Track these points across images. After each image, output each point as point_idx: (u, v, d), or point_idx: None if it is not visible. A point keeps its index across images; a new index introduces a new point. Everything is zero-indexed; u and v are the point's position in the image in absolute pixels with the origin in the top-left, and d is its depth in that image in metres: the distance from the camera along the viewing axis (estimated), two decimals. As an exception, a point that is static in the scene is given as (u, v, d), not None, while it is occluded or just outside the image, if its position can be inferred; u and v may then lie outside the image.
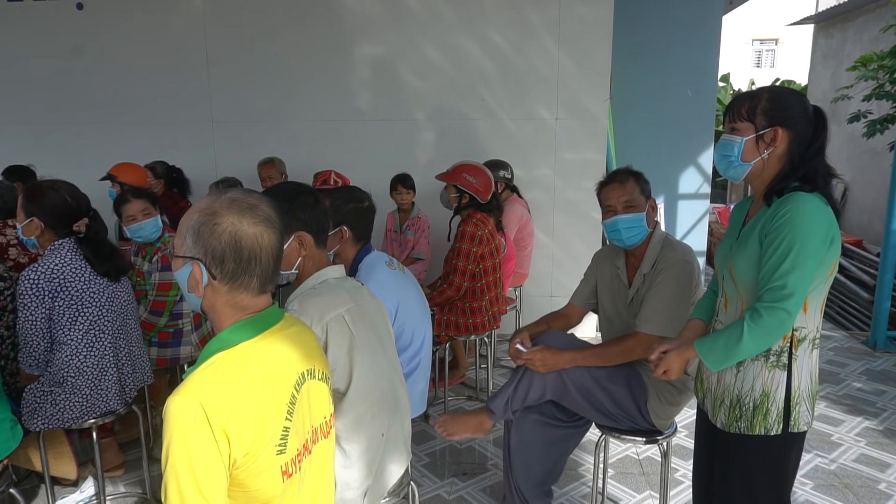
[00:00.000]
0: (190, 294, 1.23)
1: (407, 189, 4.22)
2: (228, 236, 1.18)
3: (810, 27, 12.42)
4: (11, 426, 2.10)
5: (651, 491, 2.88)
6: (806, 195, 1.59)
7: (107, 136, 4.89)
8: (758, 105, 1.66)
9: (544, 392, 2.26)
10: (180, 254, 1.22)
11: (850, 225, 10.31)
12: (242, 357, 1.18)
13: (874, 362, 4.48)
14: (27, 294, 2.22)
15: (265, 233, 1.21)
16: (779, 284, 1.55)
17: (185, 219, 1.22)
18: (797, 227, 1.55)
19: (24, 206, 2.36)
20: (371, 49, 4.72)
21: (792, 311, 1.55)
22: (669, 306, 2.15)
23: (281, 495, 1.19)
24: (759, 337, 1.58)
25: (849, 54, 10.32)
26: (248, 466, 1.12)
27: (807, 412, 1.67)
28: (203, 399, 1.07)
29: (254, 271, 1.21)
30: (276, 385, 1.20)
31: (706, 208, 5.84)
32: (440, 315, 3.48)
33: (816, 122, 1.65)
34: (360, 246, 2.24)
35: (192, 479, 1.05)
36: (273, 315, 1.27)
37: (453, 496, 2.85)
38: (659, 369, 1.81)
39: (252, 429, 1.12)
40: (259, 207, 1.22)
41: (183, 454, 1.05)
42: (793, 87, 14.97)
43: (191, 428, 1.05)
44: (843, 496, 2.83)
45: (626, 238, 2.23)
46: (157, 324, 3.00)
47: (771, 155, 1.66)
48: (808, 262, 1.54)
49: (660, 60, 5.47)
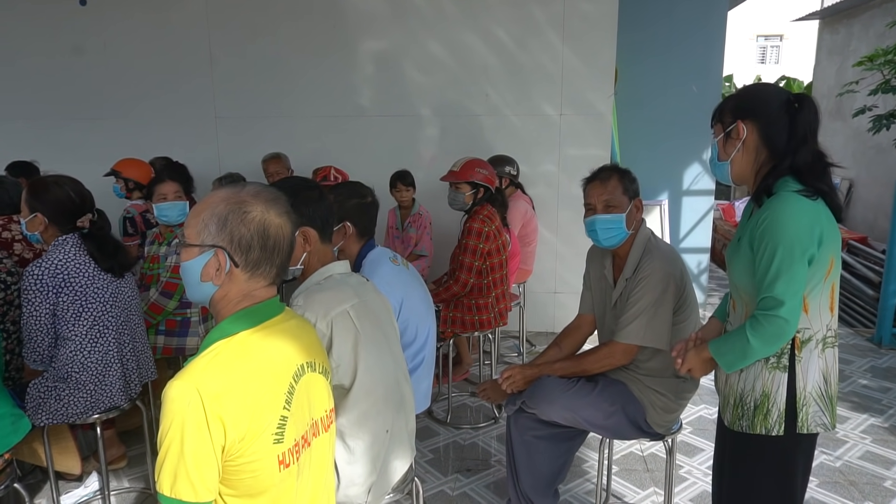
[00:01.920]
0: (201, 284, 1.23)
1: (406, 186, 4.21)
2: (258, 224, 1.21)
3: (815, 23, 12.34)
4: (13, 421, 2.10)
5: (655, 488, 2.87)
6: (786, 195, 1.56)
7: (110, 132, 4.90)
8: (727, 105, 1.71)
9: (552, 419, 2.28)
10: (197, 242, 1.22)
11: (855, 221, 10.25)
12: (242, 345, 1.20)
13: (879, 359, 4.46)
14: (31, 290, 2.22)
15: (286, 224, 1.26)
16: (770, 294, 1.54)
17: (205, 208, 1.22)
18: (776, 233, 1.53)
19: (28, 202, 2.36)
20: (374, 45, 4.71)
21: (788, 318, 1.53)
22: (645, 318, 2.13)
23: (278, 485, 1.20)
24: (764, 342, 1.57)
25: (854, 50, 10.26)
26: (244, 452, 1.14)
27: (820, 413, 1.64)
28: (200, 385, 1.10)
29: (275, 260, 1.25)
30: (274, 374, 1.22)
31: (710, 205, 5.82)
32: (446, 312, 3.48)
33: (795, 107, 1.62)
34: (364, 242, 2.23)
35: (183, 462, 1.08)
36: (273, 307, 1.29)
37: (457, 492, 2.85)
38: (683, 367, 1.80)
39: (248, 415, 1.14)
40: (281, 199, 1.28)
41: (177, 438, 1.08)
42: (797, 84, 14.90)
43: (186, 413, 1.08)
44: (848, 493, 2.82)
45: (603, 239, 2.20)
46: (166, 306, 3.00)
47: (744, 148, 1.67)
48: (794, 265, 1.52)
49: (664, 56, 5.44)
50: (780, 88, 1.72)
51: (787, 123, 1.62)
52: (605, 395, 2.21)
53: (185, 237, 1.25)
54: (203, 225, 1.21)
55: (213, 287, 1.23)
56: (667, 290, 2.14)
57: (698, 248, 5.84)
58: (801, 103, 1.64)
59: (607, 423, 2.22)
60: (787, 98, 1.65)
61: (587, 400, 2.21)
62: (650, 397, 2.20)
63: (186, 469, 1.09)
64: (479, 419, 3.57)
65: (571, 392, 2.22)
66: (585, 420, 2.22)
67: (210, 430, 1.09)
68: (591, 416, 2.21)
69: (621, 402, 2.20)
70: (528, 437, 2.32)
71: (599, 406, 2.20)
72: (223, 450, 1.12)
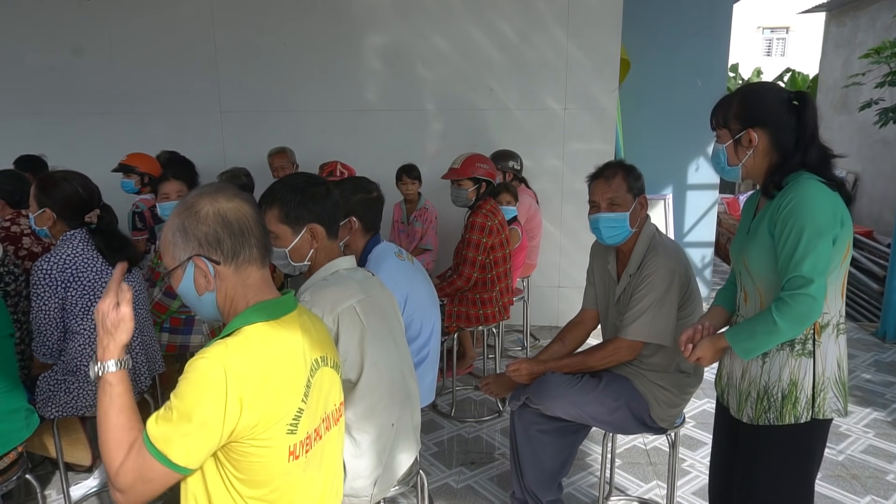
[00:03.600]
0: (202, 298, 1.25)
1: (412, 179, 4.22)
2: (213, 216, 1.22)
3: (822, 15, 12.26)
4: (26, 415, 2.13)
5: (658, 481, 2.89)
6: (806, 180, 1.60)
7: (116, 127, 4.91)
8: (730, 110, 1.71)
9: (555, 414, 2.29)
10: (176, 263, 1.23)
11: (861, 215, 10.21)
12: (266, 334, 1.21)
13: (883, 353, 4.46)
14: (40, 284, 2.25)
15: (243, 204, 1.25)
16: (797, 273, 1.55)
17: (166, 233, 1.24)
18: (803, 212, 1.55)
19: (36, 197, 2.38)
20: (379, 39, 4.71)
21: (817, 296, 1.54)
22: (650, 314, 2.14)
23: (285, 475, 1.22)
24: (792, 322, 1.56)
25: (861, 43, 10.19)
26: (256, 436, 1.15)
27: (835, 399, 1.67)
28: (228, 364, 1.12)
29: (250, 241, 1.24)
30: (295, 366, 1.24)
31: (715, 199, 5.81)
32: (450, 306, 3.50)
33: (798, 107, 1.65)
34: (370, 237, 2.25)
35: (188, 426, 1.10)
36: (290, 302, 1.31)
37: (461, 485, 2.87)
38: (693, 355, 1.78)
39: (266, 402, 1.16)
40: (225, 186, 1.27)
41: (191, 402, 1.10)
42: (802, 78, 14.76)
43: (208, 387, 1.10)
44: (850, 487, 2.83)
45: (607, 237, 2.21)
46: (170, 306, 3.02)
47: (755, 153, 1.69)
48: (821, 244, 1.54)
49: (669, 50, 5.43)
50: (779, 88, 1.73)
51: (795, 124, 1.65)
52: (608, 390, 2.23)
53: (165, 268, 1.27)
54: (171, 246, 1.23)
55: (212, 294, 1.25)
56: (671, 286, 2.15)
57: (703, 241, 5.84)
58: (802, 101, 1.66)
59: (611, 419, 2.24)
60: (788, 98, 1.67)
61: (591, 396, 2.22)
62: (654, 392, 2.21)
63: (187, 432, 1.10)
64: (484, 413, 3.59)
65: (575, 388, 2.24)
66: (590, 415, 2.24)
67: (227, 408, 1.10)
68: (595, 411, 2.22)
69: (625, 398, 2.22)
70: (532, 432, 2.34)
71: (603, 401, 2.22)
72: (232, 432, 1.13)
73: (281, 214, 1.74)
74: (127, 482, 1.12)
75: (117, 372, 1.22)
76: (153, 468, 1.11)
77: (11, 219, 3.02)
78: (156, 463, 1.10)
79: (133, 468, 1.12)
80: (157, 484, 1.12)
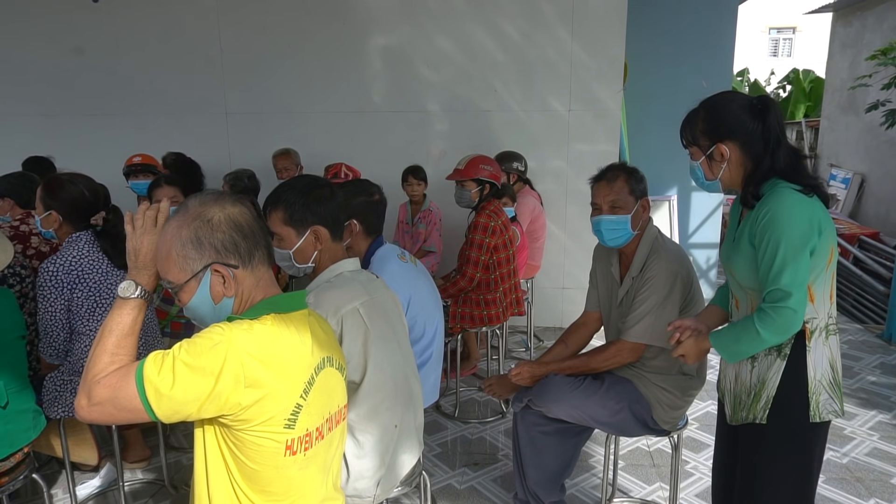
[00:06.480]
0: (218, 306, 1.26)
1: (418, 180, 4.23)
2: (226, 222, 1.23)
3: (829, 15, 12.20)
4: (34, 417, 2.15)
5: (661, 483, 2.89)
6: (781, 190, 1.60)
7: (122, 128, 4.95)
8: (696, 127, 1.72)
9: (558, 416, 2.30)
10: (189, 275, 1.23)
11: (867, 217, 10.16)
12: (275, 324, 1.23)
13: (889, 356, 4.44)
14: (46, 286, 2.27)
15: (245, 209, 1.28)
16: (776, 286, 1.57)
17: (169, 248, 1.23)
18: (778, 225, 1.56)
19: (42, 199, 2.40)
20: (383, 40, 4.72)
21: (797, 308, 1.56)
22: (653, 317, 2.15)
23: (281, 469, 1.23)
24: (774, 333, 1.59)
25: (868, 43, 10.13)
26: (250, 420, 1.16)
27: (830, 401, 1.67)
28: (235, 341, 1.16)
29: (260, 242, 1.28)
30: (298, 360, 1.25)
31: (720, 199, 5.80)
32: (454, 307, 3.50)
33: (762, 112, 1.65)
34: (372, 239, 2.25)
35: (186, 367, 1.11)
36: (299, 300, 1.34)
37: (464, 486, 2.88)
38: (678, 351, 1.81)
39: (265, 390, 1.16)
40: (223, 193, 1.30)
41: (189, 360, 1.11)
42: (810, 77, 14.62)
43: (211, 355, 1.12)
44: (854, 490, 2.83)
45: (608, 239, 2.22)
46: (169, 312, 3.04)
47: (730, 165, 1.70)
48: (798, 257, 1.55)
49: (674, 51, 5.41)
50: (742, 96, 1.72)
51: (761, 130, 1.65)
52: (611, 392, 2.23)
53: (171, 284, 1.26)
54: (181, 259, 1.22)
55: (230, 300, 1.26)
56: (673, 289, 2.15)
57: (707, 243, 5.82)
58: (764, 106, 1.66)
59: (614, 421, 2.24)
60: (749, 104, 1.67)
61: (594, 398, 2.23)
62: (656, 394, 2.22)
63: (174, 384, 1.10)
64: (487, 414, 3.60)
65: (578, 390, 2.24)
66: (592, 418, 2.24)
67: (219, 379, 1.11)
68: (597, 413, 2.23)
69: (628, 400, 2.22)
70: (534, 434, 2.35)
71: (606, 404, 2.22)
72: (219, 407, 1.13)
73: (285, 216, 1.76)
74: (102, 396, 1.13)
75: (140, 301, 1.26)
76: (129, 397, 1.11)
77: (21, 218, 3.05)
78: (135, 395, 1.11)
79: (112, 385, 1.13)
80: (123, 412, 1.13)
